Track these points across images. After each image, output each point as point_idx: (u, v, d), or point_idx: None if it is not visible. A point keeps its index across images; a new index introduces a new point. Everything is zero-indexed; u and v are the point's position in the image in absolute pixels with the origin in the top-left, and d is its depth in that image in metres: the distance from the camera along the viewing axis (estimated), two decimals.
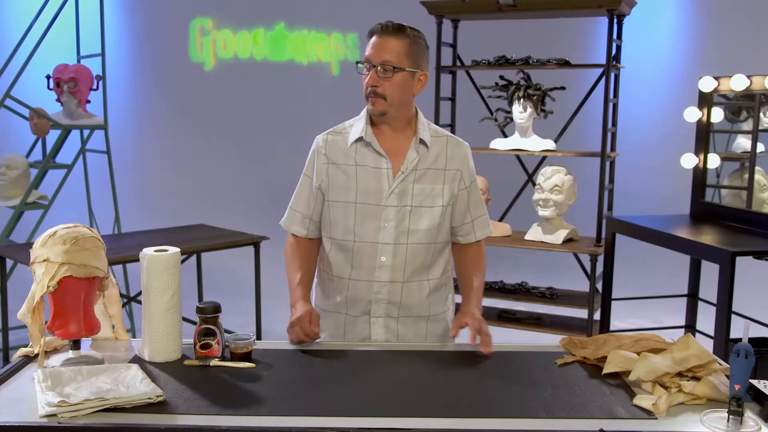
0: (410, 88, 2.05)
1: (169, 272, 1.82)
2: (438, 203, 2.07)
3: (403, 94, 2.04)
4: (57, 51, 5.37)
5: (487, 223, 2.21)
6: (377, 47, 2.01)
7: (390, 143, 2.08)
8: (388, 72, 2.00)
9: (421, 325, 2.14)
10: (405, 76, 2.02)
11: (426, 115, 2.18)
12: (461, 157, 2.11)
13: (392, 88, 2.01)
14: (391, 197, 2.04)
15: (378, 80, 2.01)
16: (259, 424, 1.47)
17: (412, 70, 2.03)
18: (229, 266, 6.09)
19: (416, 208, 2.05)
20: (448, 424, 1.48)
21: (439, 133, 2.14)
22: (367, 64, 2.03)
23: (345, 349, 1.95)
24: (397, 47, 2.01)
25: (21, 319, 1.83)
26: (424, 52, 2.08)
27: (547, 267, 6.14)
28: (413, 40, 2.04)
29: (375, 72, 2.01)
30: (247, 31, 7.15)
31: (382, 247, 2.05)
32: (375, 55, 2.01)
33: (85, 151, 4.98)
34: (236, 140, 7.15)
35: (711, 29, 6.66)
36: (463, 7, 4.14)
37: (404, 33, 2.03)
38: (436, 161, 2.08)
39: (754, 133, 3.69)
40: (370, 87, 2.02)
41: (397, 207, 2.05)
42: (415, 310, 2.12)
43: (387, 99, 2.02)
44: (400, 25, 2.04)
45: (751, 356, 1.45)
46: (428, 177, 2.06)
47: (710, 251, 3.26)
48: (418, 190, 2.05)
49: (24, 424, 1.45)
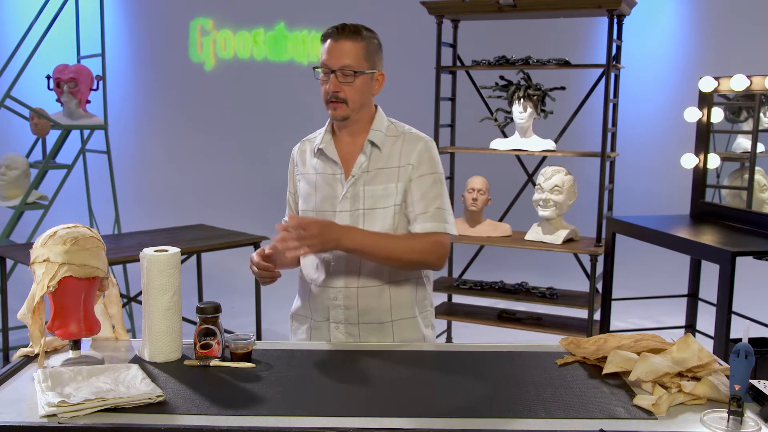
0: (370, 90, 2.04)
1: (169, 272, 1.82)
2: (391, 203, 2.02)
3: (364, 97, 2.02)
4: (57, 51, 5.38)
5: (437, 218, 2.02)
6: (334, 52, 1.97)
7: (347, 149, 2.07)
8: (348, 77, 1.97)
9: (387, 331, 2.06)
10: (365, 78, 2.00)
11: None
12: (416, 151, 2.04)
13: (353, 92, 1.99)
14: (344, 202, 2.03)
15: (338, 85, 1.97)
16: (259, 424, 1.47)
17: (371, 72, 2.01)
18: (229, 266, 6.09)
19: (369, 211, 2.02)
20: (448, 424, 1.48)
21: (397, 130, 2.09)
22: (325, 69, 1.99)
23: (345, 350, 1.95)
24: (355, 50, 1.98)
25: (21, 319, 1.83)
26: (379, 51, 2.05)
27: (547, 267, 6.14)
28: (369, 41, 2.01)
29: (334, 77, 1.97)
30: (247, 31, 7.16)
31: (336, 252, 2.03)
32: (333, 60, 1.97)
33: (85, 151, 4.98)
34: (236, 140, 7.15)
35: (711, 29, 6.66)
36: (463, 7, 4.14)
37: (360, 35, 2.00)
38: (389, 160, 2.03)
39: (754, 133, 3.69)
40: (330, 93, 1.99)
41: (350, 211, 2.02)
42: (374, 315, 2.05)
43: (349, 103, 1.99)
44: (355, 26, 2.01)
45: (751, 356, 1.45)
46: (380, 177, 2.03)
47: (710, 251, 3.26)
48: (369, 193, 2.02)
49: (24, 424, 1.45)
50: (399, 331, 2.07)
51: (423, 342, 2.10)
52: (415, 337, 2.09)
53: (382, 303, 2.04)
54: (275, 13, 7.10)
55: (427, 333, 2.13)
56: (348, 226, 1.95)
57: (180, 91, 7.16)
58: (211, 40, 7.15)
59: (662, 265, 5.66)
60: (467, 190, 4.22)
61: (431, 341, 2.15)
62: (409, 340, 2.07)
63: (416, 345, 2.07)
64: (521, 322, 4.21)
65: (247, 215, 6.60)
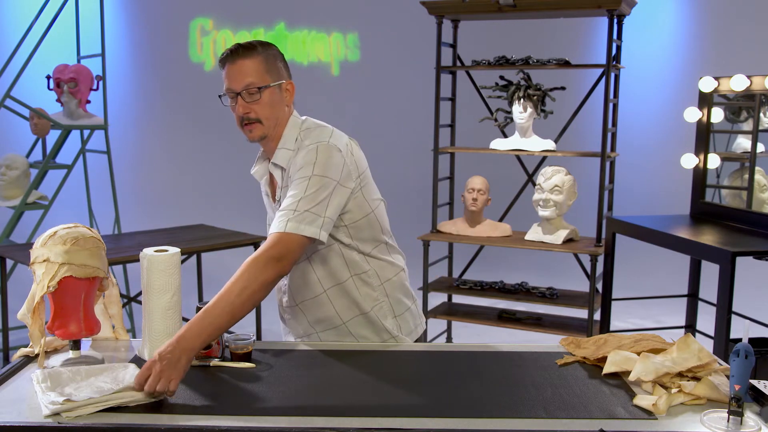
0: (281, 103, 1.97)
1: (169, 272, 1.82)
2: None
3: (276, 111, 1.95)
4: (57, 51, 5.38)
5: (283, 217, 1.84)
6: (234, 74, 1.91)
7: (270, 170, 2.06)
8: (254, 95, 1.91)
9: (342, 333, 2.06)
10: (272, 92, 1.93)
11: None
12: (298, 161, 1.92)
13: (263, 109, 1.93)
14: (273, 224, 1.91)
15: (247, 106, 1.91)
16: (259, 424, 1.47)
17: (276, 83, 1.94)
18: (229, 266, 6.06)
19: None
20: (448, 424, 1.48)
21: (301, 142, 1.97)
22: (231, 94, 1.93)
23: (345, 350, 1.95)
24: (254, 66, 1.91)
25: (21, 319, 1.83)
26: (280, 61, 1.98)
27: (547, 267, 6.14)
28: (265, 54, 1.94)
29: (241, 99, 1.91)
30: (247, 31, 7.15)
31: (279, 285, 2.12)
32: (235, 82, 1.91)
33: (85, 151, 4.98)
34: (236, 140, 7.11)
35: (711, 29, 6.66)
36: (463, 7, 4.14)
37: (255, 50, 1.92)
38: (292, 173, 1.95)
39: (754, 133, 3.69)
40: (242, 116, 1.93)
41: None
42: (327, 323, 2.06)
43: (263, 121, 1.94)
44: (249, 43, 1.95)
45: (751, 356, 1.45)
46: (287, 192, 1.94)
47: (710, 251, 3.26)
48: None
49: (24, 424, 1.45)
50: (354, 330, 2.06)
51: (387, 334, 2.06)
52: (374, 332, 2.06)
53: (327, 310, 2.04)
54: (275, 13, 7.10)
55: (390, 324, 2.07)
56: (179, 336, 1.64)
57: (180, 91, 7.16)
58: (211, 40, 7.15)
59: (662, 265, 5.66)
60: (467, 190, 4.22)
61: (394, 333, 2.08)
62: (368, 337, 2.06)
63: (415, 345, 2.07)
64: (521, 322, 4.21)
65: (247, 215, 6.59)
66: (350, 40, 7.13)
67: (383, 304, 2.08)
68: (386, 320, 2.08)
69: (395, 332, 2.08)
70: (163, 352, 1.59)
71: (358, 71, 7.15)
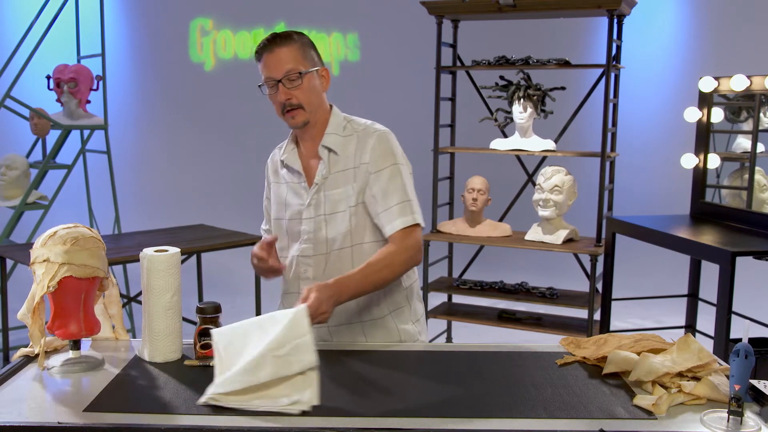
0: (319, 89, 2.03)
1: (169, 272, 1.82)
2: (350, 204, 2.01)
3: (316, 97, 2.02)
4: (57, 51, 5.38)
5: (403, 212, 1.98)
6: (273, 62, 1.96)
7: (309, 156, 2.08)
8: (295, 80, 1.96)
9: (357, 331, 2.07)
10: (311, 77, 1.99)
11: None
12: (369, 147, 2.01)
13: (304, 94, 1.98)
14: (308, 209, 2.04)
15: (289, 92, 1.97)
16: (259, 424, 1.47)
17: (313, 69, 2.00)
18: (229, 266, 6.09)
19: (330, 216, 2.02)
20: (448, 424, 1.48)
21: (353, 129, 2.06)
22: (271, 83, 1.98)
23: (344, 350, 1.95)
24: (292, 53, 1.97)
25: (21, 319, 1.83)
26: (313, 49, 2.04)
27: (547, 267, 6.14)
28: (301, 41, 2.00)
29: (282, 86, 1.96)
30: (247, 31, 7.15)
31: (303, 260, 2.06)
32: (275, 70, 1.96)
33: (85, 151, 4.98)
34: (236, 140, 7.15)
35: (711, 29, 6.66)
36: (463, 7, 4.14)
37: (291, 38, 1.99)
38: (346, 162, 2.02)
39: (754, 133, 3.69)
40: (283, 102, 1.97)
41: (314, 218, 2.04)
42: (344, 317, 2.05)
43: (305, 107, 1.99)
44: (283, 33, 2.00)
45: (751, 356, 1.45)
46: (338, 181, 2.02)
47: (710, 251, 3.26)
48: (329, 198, 2.02)
49: (24, 424, 1.45)
50: (372, 331, 2.07)
51: (399, 339, 2.09)
52: (390, 335, 2.08)
53: (351, 304, 2.03)
54: (275, 13, 7.09)
55: (406, 330, 2.10)
56: (337, 283, 1.84)
57: (180, 91, 7.16)
58: (211, 40, 7.15)
59: (662, 265, 5.66)
60: (467, 190, 4.22)
61: (412, 338, 2.12)
62: (380, 340, 2.07)
63: (415, 345, 2.07)
64: (521, 322, 4.21)
65: (247, 215, 6.58)
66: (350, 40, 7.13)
67: (405, 309, 2.13)
68: (404, 325, 2.11)
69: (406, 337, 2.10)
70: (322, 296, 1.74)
71: (358, 71, 7.15)
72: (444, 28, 4.30)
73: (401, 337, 2.10)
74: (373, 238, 2.04)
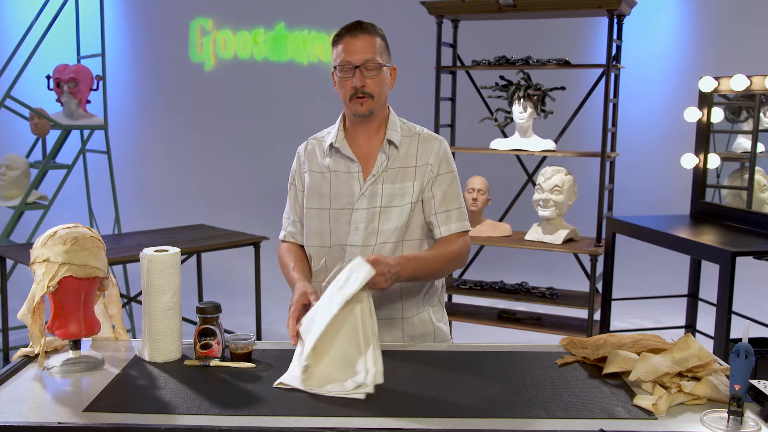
0: (388, 84, 2.07)
1: (169, 272, 1.82)
2: (407, 200, 2.04)
3: (385, 90, 2.06)
4: (57, 51, 5.38)
5: (460, 218, 2.09)
6: (355, 48, 1.99)
7: (362, 147, 2.09)
8: (372, 70, 2.00)
9: (396, 328, 2.09)
10: (386, 71, 2.04)
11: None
12: (432, 151, 2.08)
13: (376, 85, 2.01)
14: (361, 200, 2.05)
15: (364, 80, 1.99)
16: (259, 424, 1.47)
17: (388, 65, 2.05)
18: (229, 266, 6.09)
19: (385, 209, 2.04)
20: (448, 424, 1.48)
21: (411, 131, 2.12)
22: (347, 66, 2.00)
23: None
24: (374, 44, 2.01)
25: (21, 319, 1.83)
26: (388, 46, 2.09)
27: (547, 267, 6.14)
28: (381, 36, 2.05)
29: (359, 72, 1.99)
30: (247, 31, 7.16)
31: (350, 250, 2.05)
32: (355, 56, 1.99)
33: (85, 151, 4.98)
34: (236, 140, 7.15)
35: (711, 29, 6.66)
36: (463, 7, 4.14)
37: (375, 30, 2.03)
38: (406, 159, 2.07)
39: (754, 133, 3.69)
40: (357, 87, 2.00)
41: (367, 209, 2.04)
42: (386, 312, 2.07)
43: (375, 97, 2.02)
44: (369, 23, 2.04)
45: (751, 356, 1.45)
46: (398, 176, 2.05)
47: (710, 251, 3.26)
48: (387, 191, 2.04)
49: (24, 424, 1.45)
50: (409, 328, 2.10)
51: (434, 337, 2.14)
52: (427, 332, 2.13)
53: (394, 299, 2.07)
54: (275, 13, 7.10)
55: (440, 328, 2.17)
56: (400, 260, 1.91)
57: (180, 91, 7.16)
58: (211, 40, 7.15)
59: (662, 265, 5.67)
60: (467, 190, 4.22)
61: (446, 337, 2.17)
62: (419, 336, 2.11)
63: (415, 345, 2.07)
64: (521, 322, 4.21)
65: (247, 215, 6.61)
66: None
67: (439, 308, 2.20)
68: (439, 323, 2.16)
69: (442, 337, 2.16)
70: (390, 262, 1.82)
71: None
72: (444, 28, 4.30)
73: (436, 337, 2.15)
74: (420, 236, 2.09)
